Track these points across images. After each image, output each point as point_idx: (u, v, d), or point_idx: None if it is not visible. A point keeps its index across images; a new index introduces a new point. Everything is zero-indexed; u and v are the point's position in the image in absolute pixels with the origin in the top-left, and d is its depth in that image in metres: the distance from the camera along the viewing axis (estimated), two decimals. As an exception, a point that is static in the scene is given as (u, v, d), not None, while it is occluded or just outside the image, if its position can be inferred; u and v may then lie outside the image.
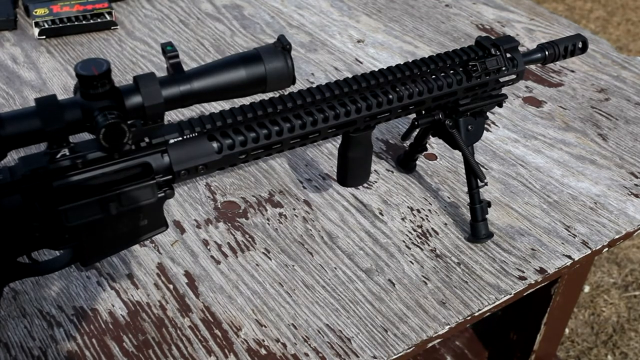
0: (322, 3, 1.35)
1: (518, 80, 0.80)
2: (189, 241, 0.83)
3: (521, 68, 0.79)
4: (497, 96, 0.81)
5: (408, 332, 0.73)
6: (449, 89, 0.75)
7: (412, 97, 0.73)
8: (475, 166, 0.80)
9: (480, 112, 0.81)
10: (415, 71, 0.73)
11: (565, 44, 0.82)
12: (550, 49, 0.81)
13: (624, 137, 1.02)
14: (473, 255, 0.82)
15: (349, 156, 0.77)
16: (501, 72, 0.77)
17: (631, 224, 0.87)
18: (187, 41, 1.22)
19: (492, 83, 0.78)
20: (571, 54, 0.82)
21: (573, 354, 1.64)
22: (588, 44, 0.82)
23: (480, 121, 0.81)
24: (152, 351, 0.71)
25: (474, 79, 0.76)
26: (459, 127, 0.80)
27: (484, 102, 0.80)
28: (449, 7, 1.35)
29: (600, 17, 3.05)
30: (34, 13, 1.22)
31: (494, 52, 0.77)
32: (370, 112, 0.71)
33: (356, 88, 0.70)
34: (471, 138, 0.81)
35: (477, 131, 0.82)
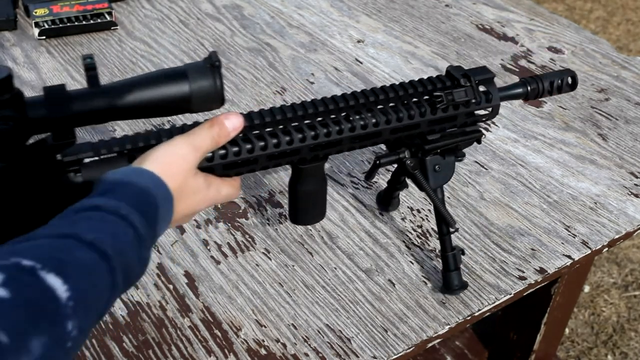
0: (322, 3, 1.35)
1: (493, 116, 0.72)
2: (189, 241, 0.83)
3: (496, 102, 0.71)
4: (470, 132, 0.73)
5: (408, 332, 0.73)
6: (410, 120, 0.67)
7: (367, 128, 0.65)
8: (444, 212, 0.73)
9: (451, 150, 0.73)
10: (373, 99, 0.67)
11: (551, 79, 0.74)
12: (534, 83, 0.73)
13: (624, 137, 1.02)
14: (473, 255, 0.82)
15: (298, 190, 0.70)
16: (471, 106, 0.69)
17: (631, 224, 0.87)
18: (187, 41, 1.22)
19: (462, 117, 0.70)
20: (558, 90, 0.74)
21: (573, 354, 1.64)
22: (578, 80, 0.74)
23: (449, 161, 0.73)
24: (152, 351, 0.71)
25: (439, 111, 0.68)
26: (424, 167, 0.72)
27: (456, 138, 0.72)
28: (449, 7, 1.35)
29: (600, 17, 3.05)
30: (34, 13, 1.22)
31: (464, 82, 0.69)
32: (317, 141, 0.63)
33: (302, 114, 0.64)
34: (438, 179, 0.73)
35: (446, 172, 0.74)
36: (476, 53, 1.20)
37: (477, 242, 0.84)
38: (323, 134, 0.64)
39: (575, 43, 1.24)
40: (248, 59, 1.18)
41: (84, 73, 0.59)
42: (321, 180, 0.70)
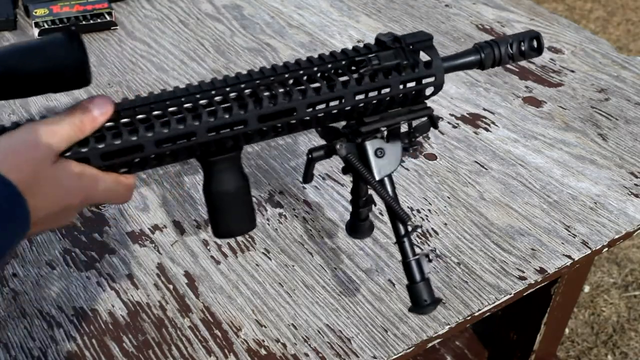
0: (322, 3, 1.35)
1: (437, 89, 0.61)
2: (188, 241, 0.83)
3: (438, 70, 0.61)
4: (417, 110, 0.62)
5: (408, 332, 0.73)
6: (331, 93, 0.56)
7: (277, 104, 0.55)
8: (396, 207, 0.61)
9: (396, 134, 0.63)
10: (285, 75, 0.56)
11: (510, 41, 0.64)
12: (487, 48, 0.64)
13: (624, 137, 1.02)
14: (473, 255, 0.82)
15: (211, 192, 0.58)
16: (405, 72, 0.59)
17: (631, 224, 0.87)
18: (187, 41, 1.22)
19: (397, 87, 0.59)
20: (521, 55, 0.64)
21: (573, 354, 1.64)
22: (543, 43, 0.64)
23: (395, 145, 0.62)
24: (152, 351, 0.71)
25: (366, 79, 0.57)
26: (364, 153, 0.61)
27: (400, 117, 0.61)
28: (448, 7, 1.35)
29: (600, 17, 3.05)
30: (34, 13, 1.22)
31: (392, 45, 0.59)
32: (215, 121, 0.53)
33: (196, 93, 0.54)
34: (383, 167, 0.61)
35: (391, 158, 0.62)
36: (476, 53, 1.20)
37: (477, 242, 0.84)
38: (221, 110, 0.54)
39: (575, 43, 1.24)
40: (248, 59, 1.18)
41: None
42: (239, 178, 0.59)
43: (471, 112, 1.06)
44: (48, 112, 1.05)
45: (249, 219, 0.61)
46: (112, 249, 0.82)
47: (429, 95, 0.62)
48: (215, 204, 0.59)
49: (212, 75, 1.13)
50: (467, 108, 1.07)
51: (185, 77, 1.13)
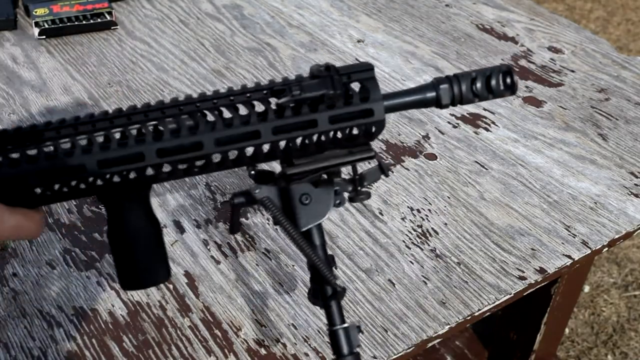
0: (322, 3, 1.35)
1: (378, 129, 0.52)
2: (189, 241, 0.83)
3: (377, 106, 0.51)
4: (357, 153, 0.53)
5: (408, 332, 0.73)
6: (245, 127, 0.49)
7: (181, 136, 0.48)
8: (319, 263, 0.52)
9: (328, 180, 0.54)
10: (197, 105, 0.50)
11: (472, 77, 0.53)
12: (445, 84, 0.53)
13: (624, 137, 1.02)
14: (473, 255, 0.82)
15: (117, 237, 0.52)
16: (337, 105, 0.50)
17: (631, 224, 0.87)
18: (187, 41, 1.22)
19: (325, 123, 0.50)
20: (490, 92, 0.53)
21: (573, 354, 1.64)
22: (515, 79, 0.53)
23: (325, 192, 0.54)
24: (152, 351, 0.71)
25: (288, 111, 0.50)
26: (289, 198, 0.53)
27: (336, 159, 0.53)
28: (449, 7, 1.35)
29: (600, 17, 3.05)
30: (34, 13, 1.22)
31: (320, 72, 0.51)
32: (107, 153, 0.48)
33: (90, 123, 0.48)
34: (309, 216, 0.53)
35: (319, 205, 0.54)
36: (476, 53, 1.20)
37: (477, 242, 0.84)
38: (116, 140, 0.48)
39: (575, 43, 1.24)
40: (248, 59, 1.18)
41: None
42: (148, 221, 0.52)
43: (471, 112, 1.06)
44: (48, 111, 1.05)
45: (161, 269, 0.54)
46: (112, 248, 0.82)
47: (371, 134, 0.52)
48: (120, 251, 0.53)
49: (212, 75, 1.13)
50: (467, 108, 1.07)
51: (185, 77, 1.13)
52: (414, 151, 0.98)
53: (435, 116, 1.05)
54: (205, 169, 0.51)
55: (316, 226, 0.54)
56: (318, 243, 0.54)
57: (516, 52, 1.21)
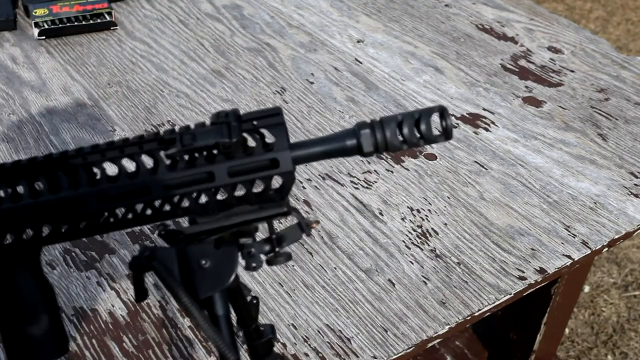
0: (322, 3, 1.35)
1: (287, 182, 0.46)
2: (188, 241, 0.83)
3: (282, 155, 0.45)
4: (269, 209, 0.48)
5: (408, 332, 0.73)
6: (130, 180, 0.45)
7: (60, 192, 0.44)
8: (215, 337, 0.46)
9: (231, 239, 0.49)
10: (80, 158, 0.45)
11: (398, 121, 0.45)
12: (366, 130, 0.46)
13: (623, 137, 1.02)
14: (473, 255, 0.82)
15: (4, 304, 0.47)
16: (236, 155, 0.45)
17: (631, 224, 0.87)
18: (187, 41, 1.22)
19: (223, 176, 0.45)
20: (421, 138, 0.45)
21: (573, 354, 1.64)
22: (450, 122, 0.45)
23: (227, 254, 0.48)
24: (152, 351, 0.71)
25: (181, 163, 0.45)
26: (186, 262, 0.47)
27: (243, 216, 0.48)
28: (448, 7, 1.35)
29: (600, 17, 3.05)
30: (33, 13, 1.22)
31: (217, 120, 0.45)
32: None
33: None
34: (207, 281, 0.48)
35: (220, 270, 0.48)
36: (476, 53, 1.20)
37: (477, 242, 0.84)
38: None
39: (575, 43, 1.24)
40: (248, 59, 1.18)
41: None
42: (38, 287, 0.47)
43: (471, 112, 1.06)
44: (48, 111, 1.05)
45: (55, 341, 0.48)
46: (112, 249, 0.82)
47: (281, 189, 0.46)
48: (6, 324, 0.47)
49: (212, 76, 1.13)
50: (467, 108, 1.07)
51: (185, 77, 1.13)
52: (414, 151, 0.98)
53: (435, 116, 1.05)
54: (94, 231, 0.46)
55: (220, 293, 0.48)
56: (221, 313, 0.48)
57: (516, 52, 1.21)
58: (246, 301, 0.57)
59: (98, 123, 1.03)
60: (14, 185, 0.45)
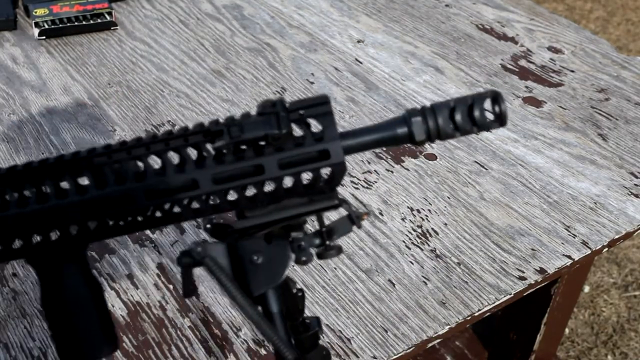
0: (322, 3, 1.35)
1: (338, 173, 0.45)
2: (189, 241, 0.83)
3: (333, 146, 0.44)
4: (318, 202, 0.46)
5: (408, 332, 0.73)
6: (180, 174, 0.43)
7: (106, 190, 0.43)
8: (274, 337, 0.45)
9: (282, 234, 0.47)
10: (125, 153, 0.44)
11: (451, 107, 0.44)
12: (418, 117, 0.44)
13: (624, 137, 1.02)
14: (473, 255, 0.82)
15: (52, 306, 0.47)
16: (286, 147, 0.44)
17: (631, 224, 0.87)
18: (187, 41, 1.22)
19: (274, 168, 0.44)
20: (474, 125, 0.44)
21: (573, 354, 1.64)
22: (504, 108, 0.43)
23: (279, 248, 0.47)
24: (152, 351, 0.71)
25: (229, 156, 0.43)
26: (238, 258, 0.46)
27: (294, 209, 0.46)
28: (448, 7, 1.35)
29: (600, 17, 3.05)
30: (34, 13, 1.22)
31: (265, 110, 0.44)
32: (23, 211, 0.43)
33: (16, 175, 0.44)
34: (261, 278, 0.46)
35: (273, 266, 0.47)
36: (476, 53, 1.20)
37: (477, 242, 0.84)
38: (33, 198, 0.44)
39: (575, 43, 1.24)
40: (248, 59, 1.18)
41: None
42: (87, 286, 0.47)
43: (471, 112, 1.06)
44: (48, 111, 1.05)
45: (105, 339, 0.47)
46: (112, 249, 0.82)
47: (331, 180, 0.45)
48: (56, 321, 0.47)
49: (212, 76, 1.13)
50: (467, 108, 1.07)
51: (185, 77, 1.13)
52: (414, 151, 0.98)
53: (435, 116, 1.05)
54: (139, 227, 0.45)
55: (274, 289, 0.47)
56: (275, 310, 0.47)
57: (516, 52, 1.21)
58: (293, 294, 0.56)
59: (98, 123, 1.03)
60: (59, 181, 0.44)
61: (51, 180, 0.44)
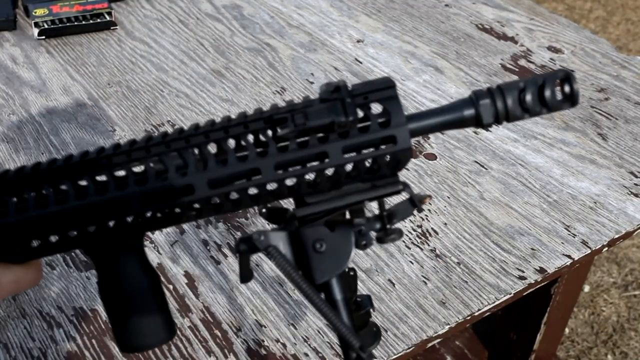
0: (321, 3, 1.35)
1: (404, 158, 0.43)
2: (188, 241, 0.83)
3: (400, 131, 0.42)
4: (381, 187, 0.44)
5: (408, 332, 0.73)
6: (242, 164, 0.42)
7: (167, 181, 0.42)
8: (340, 326, 0.44)
9: (346, 220, 0.46)
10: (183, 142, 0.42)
11: (520, 88, 0.43)
12: (486, 99, 0.43)
13: (623, 136, 1.02)
14: (473, 255, 0.82)
15: (110, 295, 0.47)
16: (352, 133, 0.42)
17: (631, 224, 0.87)
18: (187, 41, 1.22)
19: (337, 155, 0.42)
20: (543, 105, 0.43)
21: (573, 354, 1.64)
22: (576, 88, 0.42)
23: (343, 235, 0.46)
24: (152, 351, 0.71)
25: (293, 144, 0.42)
26: (302, 245, 0.45)
27: (356, 195, 0.44)
28: (448, 7, 1.35)
29: (600, 16, 3.05)
30: (33, 13, 1.22)
31: (330, 96, 0.42)
32: (80, 203, 0.42)
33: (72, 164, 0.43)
34: (324, 265, 0.45)
35: (337, 252, 0.46)
36: (476, 53, 1.20)
37: (477, 242, 0.84)
38: (92, 189, 0.42)
39: (575, 43, 1.24)
40: (248, 59, 1.18)
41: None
42: (144, 275, 0.47)
43: (471, 112, 1.06)
44: (48, 112, 1.05)
45: (163, 328, 0.47)
46: (112, 249, 0.82)
47: (396, 165, 0.43)
48: (115, 310, 0.47)
49: (212, 76, 1.13)
50: (467, 108, 1.07)
51: (185, 77, 1.13)
52: (414, 151, 0.98)
53: (435, 116, 1.05)
54: (202, 215, 0.44)
55: (337, 277, 0.46)
56: (339, 298, 0.46)
57: (516, 52, 1.21)
58: (346, 274, 0.54)
59: (98, 123, 1.03)
60: (114, 172, 0.43)
61: (109, 170, 0.43)
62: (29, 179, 0.43)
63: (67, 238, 0.44)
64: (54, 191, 0.43)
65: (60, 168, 0.43)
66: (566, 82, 0.42)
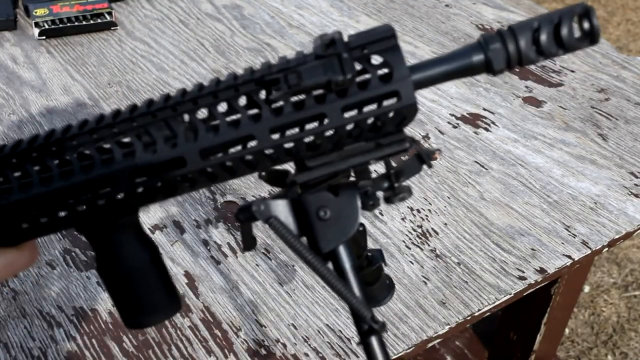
0: (322, 3, 1.35)
1: (408, 114, 0.40)
2: (188, 241, 0.83)
3: (403, 85, 0.39)
4: (387, 146, 0.42)
5: (408, 332, 0.73)
6: (235, 130, 0.39)
7: (157, 154, 0.39)
8: (349, 296, 0.42)
9: (350, 183, 0.44)
10: (171, 110, 0.40)
11: (534, 27, 0.39)
12: (496, 43, 0.40)
13: (624, 137, 1.02)
14: (473, 255, 0.82)
15: (109, 273, 0.45)
16: (350, 91, 0.39)
17: (631, 224, 0.87)
18: (187, 41, 1.22)
19: (337, 115, 0.39)
20: (560, 46, 0.39)
21: (573, 354, 1.64)
22: (596, 24, 0.38)
23: (348, 200, 0.42)
24: (152, 351, 0.71)
25: (288, 106, 0.39)
26: (305, 213, 0.42)
27: (361, 156, 0.42)
28: (448, 7, 1.35)
29: (600, 17, 3.05)
30: (34, 13, 1.22)
31: (325, 51, 0.39)
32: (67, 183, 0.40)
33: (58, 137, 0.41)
34: (330, 233, 0.42)
35: (342, 219, 0.42)
36: (476, 53, 1.20)
37: (477, 242, 0.84)
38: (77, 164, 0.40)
39: (575, 43, 1.24)
40: (248, 59, 1.18)
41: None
42: (141, 249, 0.45)
43: (471, 112, 1.06)
44: (48, 111, 1.05)
45: (167, 301, 0.45)
46: (112, 249, 0.82)
47: (401, 121, 0.41)
48: (115, 288, 0.45)
49: (212, 76, 1.13)
50: (467, 108, 1.07)
51: (185, 77, 1.13)
52: (414, 151, 0.98)
53: (435, 116, 1.05)
54: (196, 186, 0.41)
55: (344, 244, 0.43)
56: (347, 266, 0.43)
57: (516, 52, 1.21)
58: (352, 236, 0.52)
59: (98, 123, 1.02)
60: (100, 145, 0.40)
61: (93, 144, 0.40)
62: (9, 158, 0.40)
63: (56, 219, 0.42)
64: (37, 171, 0.40)
65: (42, 146, 0.40)
66: (585, 18, 0.38)
